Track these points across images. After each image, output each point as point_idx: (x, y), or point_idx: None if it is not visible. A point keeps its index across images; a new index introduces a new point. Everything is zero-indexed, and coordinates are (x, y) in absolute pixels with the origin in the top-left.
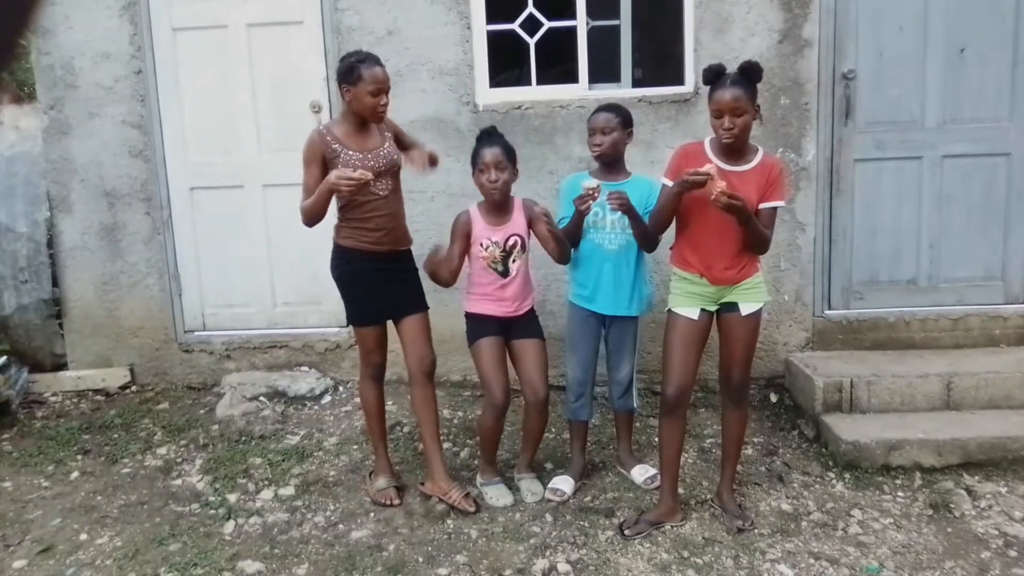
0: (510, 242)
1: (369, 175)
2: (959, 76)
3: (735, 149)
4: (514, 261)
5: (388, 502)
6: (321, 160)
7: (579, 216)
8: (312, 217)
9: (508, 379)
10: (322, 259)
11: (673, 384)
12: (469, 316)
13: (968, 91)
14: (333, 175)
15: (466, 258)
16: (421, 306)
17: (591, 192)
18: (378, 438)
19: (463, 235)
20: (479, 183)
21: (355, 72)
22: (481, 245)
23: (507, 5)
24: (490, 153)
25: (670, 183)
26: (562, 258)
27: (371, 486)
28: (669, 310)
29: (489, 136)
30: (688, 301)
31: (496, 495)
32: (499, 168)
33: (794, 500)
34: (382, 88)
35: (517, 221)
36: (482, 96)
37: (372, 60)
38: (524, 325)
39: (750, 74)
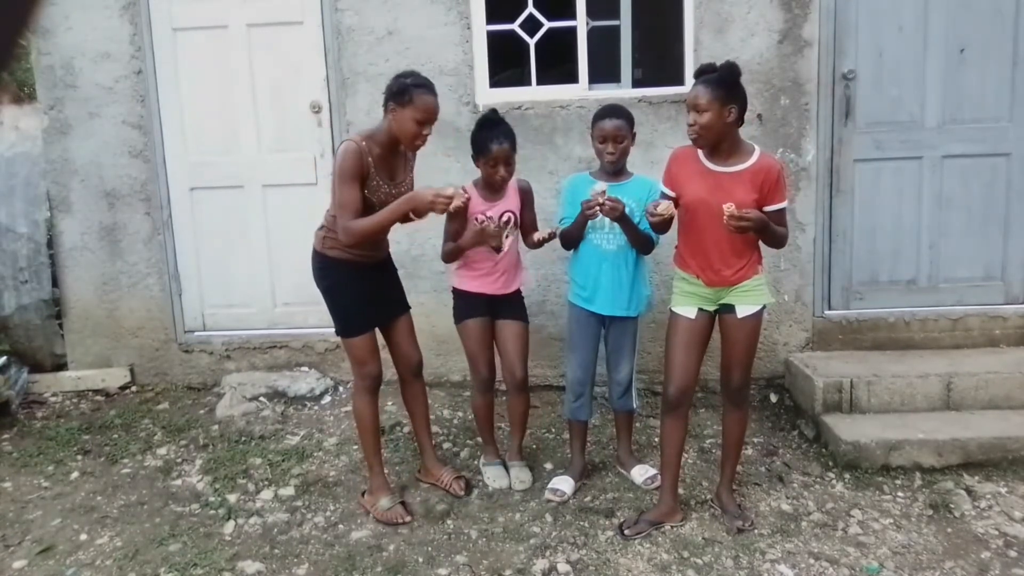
0: (504, 217)
1: (465, 196)
2: (959, 76)
3: (715, 148)
4: (507, 236)
5: (400, 520)
6: (362, 178)
7: (583, 219)
8: (370, 237)
9: (492, 355)
10: None
11: (674, 384)
12: (458, 292)
13: (968, 91)
14: (430, 194)
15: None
16: (405, 307)
17: (599, 196)
18: (373, 454)
19: (461, 212)
20: (485, 172)
21: (407, 94)
22: (476, 220)
23: (507, 5)
24: (499, 149)
25: (668, 191)
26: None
27: (374, 507)
28: (670, 309)
29: (493, 124)
30: (686, 300)
31: (494, 476)
32: (507, 163)
33: (794, 500)
34: (430, 119)
35: (511, 199)
36: (482, 96)
37: (428, 88)
38: (510, 306)
39: (724, 74)
